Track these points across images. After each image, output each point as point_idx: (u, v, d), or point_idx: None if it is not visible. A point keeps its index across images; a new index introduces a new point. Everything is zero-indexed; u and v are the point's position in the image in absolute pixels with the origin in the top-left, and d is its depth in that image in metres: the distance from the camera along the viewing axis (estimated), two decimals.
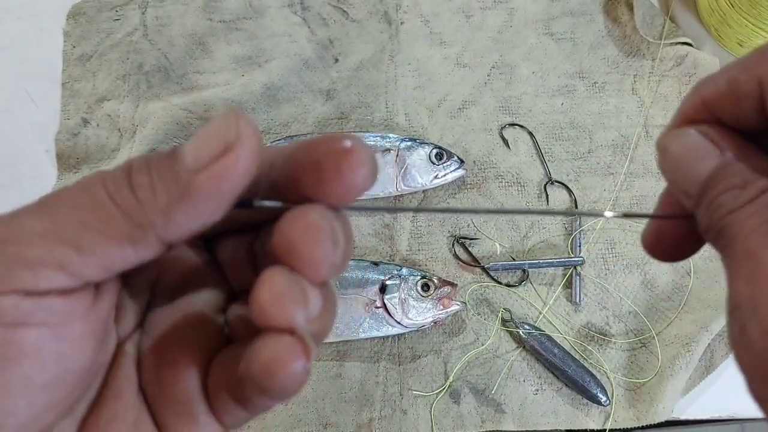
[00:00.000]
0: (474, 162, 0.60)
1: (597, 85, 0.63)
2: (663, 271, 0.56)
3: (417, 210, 0.23)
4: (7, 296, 0.17)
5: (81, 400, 0.20)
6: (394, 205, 0.58)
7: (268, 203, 0.19)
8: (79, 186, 0.18)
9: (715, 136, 0.21)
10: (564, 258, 0.55)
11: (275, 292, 0.17)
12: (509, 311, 0.54)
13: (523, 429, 0.51)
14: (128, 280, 0.21)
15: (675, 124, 0.23)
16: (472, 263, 0.56)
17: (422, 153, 0.57)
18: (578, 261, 0.55)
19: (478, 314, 0.54)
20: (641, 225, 0.57)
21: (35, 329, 0.17)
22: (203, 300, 0.22)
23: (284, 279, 0.17)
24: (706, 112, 0.22)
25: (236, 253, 0.23)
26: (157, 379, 0.20)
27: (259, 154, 0.17)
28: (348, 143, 0.17)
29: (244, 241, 0.22)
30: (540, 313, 0.54)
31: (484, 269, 0.55)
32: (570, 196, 0.58)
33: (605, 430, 0.51)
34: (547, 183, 0.58)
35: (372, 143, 0.58)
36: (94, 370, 0.19)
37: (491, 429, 0.51)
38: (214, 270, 0.23)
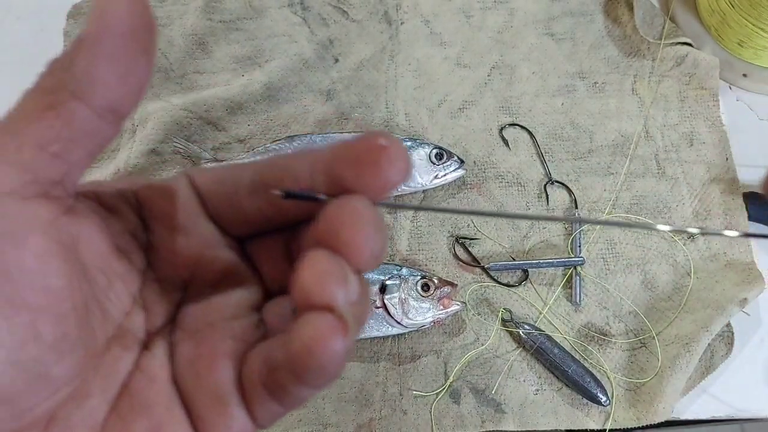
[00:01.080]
0: (474, 162, 0.60)
1: (597, 85, 0.63)
2: (663, 271, 0.56)
3: (451, 212, 0.23)
4: None
5: (105, 371, 0.20)
6: (420, 204, 0.58)
7: (317, 195, 0.20)
8: None
9: None
10: (564, 258, 0.55)
11: (318, 271, 0.17)
12: (509, 311, 0.54)
13: (523, 429, 0.51)
14: (159, 275, 0.22)
15: None
16: (472, 263, 0.56)
17: (422, 153, 0.57)
18: (578, 261, 0.55)
19: (478, 314, 0.54)
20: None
21: None
22: (238, 298, 0.22)
23: (327, 260, 0.18)
24: None
25: (272, 252, 0.23)
26: (192, 370, 0.21)
27: None
28: (386, 141, 0.19)
29: (279, 241, 0.23)
30: (540, 313, 0.54)
31: (484, 269, 0.55)
32: (570, 196, 0.58)
33: (605, 430, 0.51)
34: (547, 183, 0.58)
35: None
36: (81, 304, 0.19)
37: (491, 429, 0.51)
38: (249, 270, 0.23)
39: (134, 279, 0.22)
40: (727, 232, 0.22)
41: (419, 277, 0.53)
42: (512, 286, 0.55)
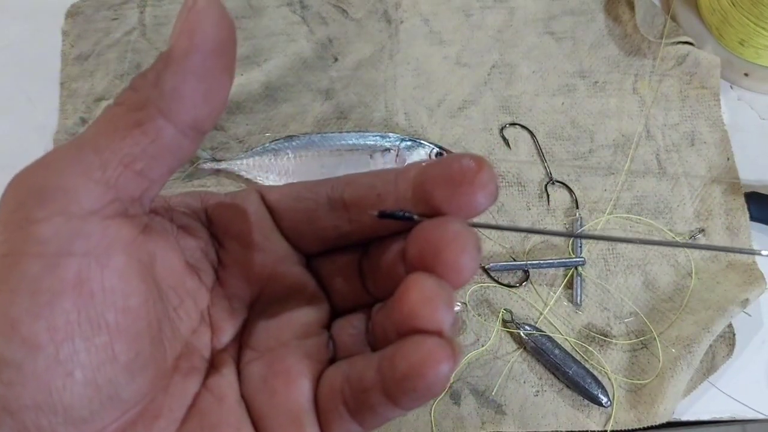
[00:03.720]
0: None
1: (598, 84, 0.62)
2: (664, 272, 0.55)
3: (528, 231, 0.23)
4: (46, 222, 0.17)
5: (173, 390, 0.20)
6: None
7: (413, 215, 0.20)
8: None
9: None
10: (565, 258, 0.55)
11: (426, 295, 0.17)
12: (510, 312, 0.54)
13: (524, 430, 0.51)
14: (226, 291, 0.22)
15: None
16: None
17: (422, 153, 0.57)
18: (579, 261, 0.55)
19: (479, 315, 0.54)
20: (642, 226, 0.57)
21: (77, 259, 0.17)
22: (308, 316, 0.22)
23: (433, 283, 0.18)
24: None
25: (342, 269, 0.23)
26: (266, 390, 0.20)
27: (222, 5, 0.18)
28: (478, 162, 0.19)
29: (349, 258, 0.23)
30: (541, 313, 0.54)
31: (484, 270, 0.55)
32: (571, 196, 0.58)
33: (606, 431, 0.51)
34: (548, 183, 0.58)
35: (372, 143, 0.58)
36: (155, 323, 0.19)
37: (491, 430, 0.51)
38: (317, 287, 0.23)
39: (203, 296, 0.22)
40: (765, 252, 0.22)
41: None
42: (513, 286, 0.55)
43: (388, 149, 0.57)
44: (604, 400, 0.50)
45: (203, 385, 0.21)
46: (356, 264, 0.23)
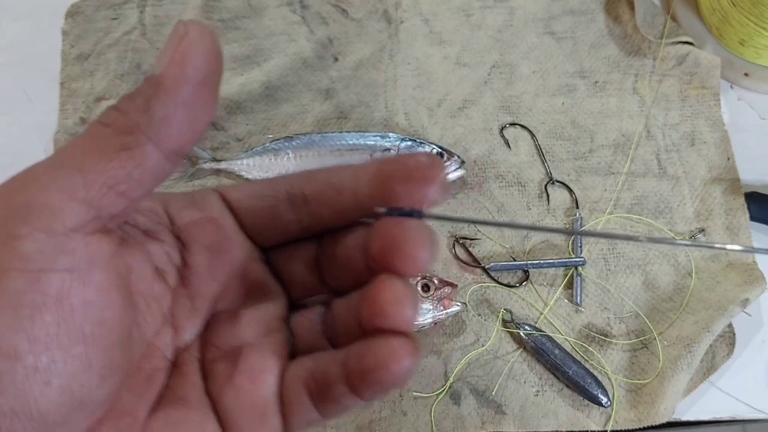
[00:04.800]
0: (474, 162, 0.59)
1: (598, 84, 0.62)
2: (664, 272, 0.55)
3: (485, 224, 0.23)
4: (30, 239, 0.17)
5: (137, 390, 0.20)
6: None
7: (419, 211, 0.21)
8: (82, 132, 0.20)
9: None
10: (565, 258, 0.55)
11: (396, 297, 0.19)
12: (510, 312, 0.54)
13: (524, 430, 0.51)
14: (189, 291, 0.23)
15: None
16: (473, 264, 0.55)
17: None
18: (579, 261, 0.55)
19: (479, 315, 0.54)
20: (642, 226, 0.57)
21: (59, 275, 0.18)
22: (269, 311, 0.23)
23: (402, 285, 0.19)
24: None
25: (298, 261, 0.24)
26: (233, 386, 0.21)
27: (213, 35, 0.19)
28: (432, 160, 0.21)
29: (303, 251, 0.24)
30: (541, 313, 0.54)
31: (484, 270, 0.55)
32: (571, 195, 0.58)
33: (606, 431, 0.51)
34: (548, 183, 0.58)
35: (372, 143, 0.58)
36: (126, 330, 0.20)
37: (491, 430, 0.51)
38: (275, 283, 0.24)
39: (167, 298, 0.22)
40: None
41: (419, 278, 0.52)
42: (513, 286, 0.55)
43: (388, 149, 0.57)
44: (604, 400, 0.50)
45: (166, 384, 0.21)
46: (312, 255, 0.24)
